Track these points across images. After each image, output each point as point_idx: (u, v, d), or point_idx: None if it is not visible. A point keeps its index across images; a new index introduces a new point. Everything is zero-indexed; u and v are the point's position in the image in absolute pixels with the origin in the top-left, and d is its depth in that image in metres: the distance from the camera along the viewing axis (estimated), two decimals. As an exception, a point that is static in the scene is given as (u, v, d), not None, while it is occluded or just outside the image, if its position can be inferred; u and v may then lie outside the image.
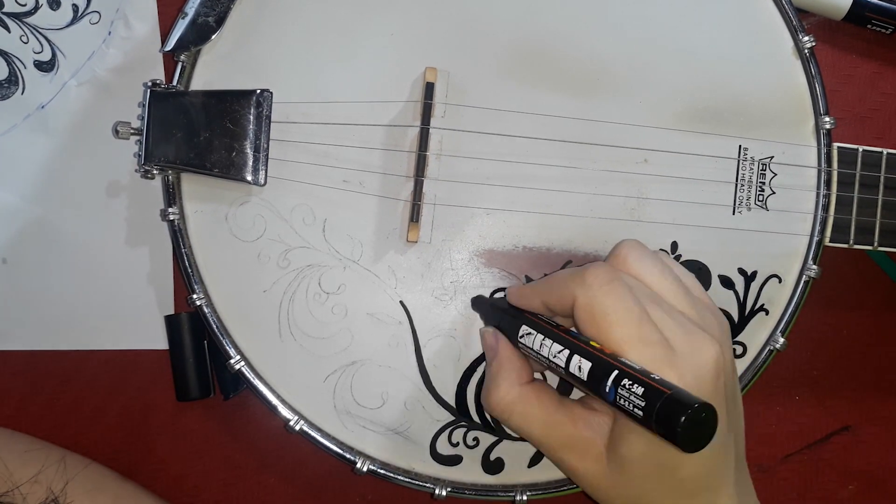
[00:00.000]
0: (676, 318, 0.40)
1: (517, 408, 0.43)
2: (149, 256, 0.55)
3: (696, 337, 0.40)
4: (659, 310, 0.40)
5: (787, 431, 0.61)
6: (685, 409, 0.34)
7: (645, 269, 0.43)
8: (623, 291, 0.40)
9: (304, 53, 0.49)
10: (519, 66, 0.50)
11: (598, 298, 0.40)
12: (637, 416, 0.36)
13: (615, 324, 0.39)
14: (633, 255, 0.43)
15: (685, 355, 0.39)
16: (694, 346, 0.39)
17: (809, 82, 0.52)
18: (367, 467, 0.48)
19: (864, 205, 0.52)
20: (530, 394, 0.43)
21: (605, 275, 0.41)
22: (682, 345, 0.39)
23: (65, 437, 0.55)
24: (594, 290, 0.40)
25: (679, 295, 0.42)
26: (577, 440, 0.42)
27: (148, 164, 0.47)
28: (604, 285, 0.40)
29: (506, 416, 0.44)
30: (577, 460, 0.42)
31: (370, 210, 0.49)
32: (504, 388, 0.43)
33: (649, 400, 0.35)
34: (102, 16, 0.54)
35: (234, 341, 0.48)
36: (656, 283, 0.42)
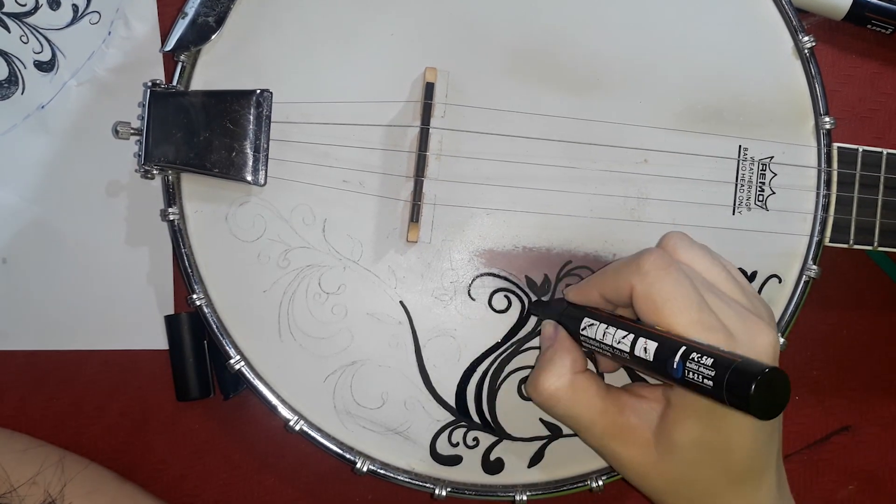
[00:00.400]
0: (732, 306, 0.41)
1: (567, 394, 0.43)
2: (149, 256, 0.55)
3: (752, 323, 0.40)
4: (714, 297, 0.41)
5: (786, 431, 0.60)
6: (756, 374, 0.34)
7: (697, 257, 0.43)
8: (680, 277, 0.40)
9: (304, 53, 0.49)
10: (519, 66, 0.50)
11: (657, 285, 0.40)
12: (707, 388, 0.36)
13: (676, 310, 0.39)
14: (682, 244, 0.43)
15: (744, 341, 0.39)
16: (751, 332, 0.40)
17: (809, 82, 0.52)
18: (366, 467, 0.48)
19: (864, 205, 0.52)
20: (581, 381, 0.44)
21: (660, 260, 0.41)
22: (741, 331, 0.40)
23: (65, 437, 0.55)
24: (651, 276, 0.40)
25: (730, 283, 0.42)
26: (625, 428, 0.42)
27: (148, 164, 0.47)
28: (660, 271, 0.40)
29: (552, 402, 0.44)
30: (624, 448, 0.42)
31: (370, 210, 0.49)
32: (556, 373, 0.44)
33: (719, 370, 0.35)
34: (102, 16, 0.54)
35: (234, 341, 0.48)
36: (709, 271, 0.43)
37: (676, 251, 0.43)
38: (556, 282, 0.50)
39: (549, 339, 0.46)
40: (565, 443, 0.50)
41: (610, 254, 0.50)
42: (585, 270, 0.50)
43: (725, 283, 0.42)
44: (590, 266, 0.50)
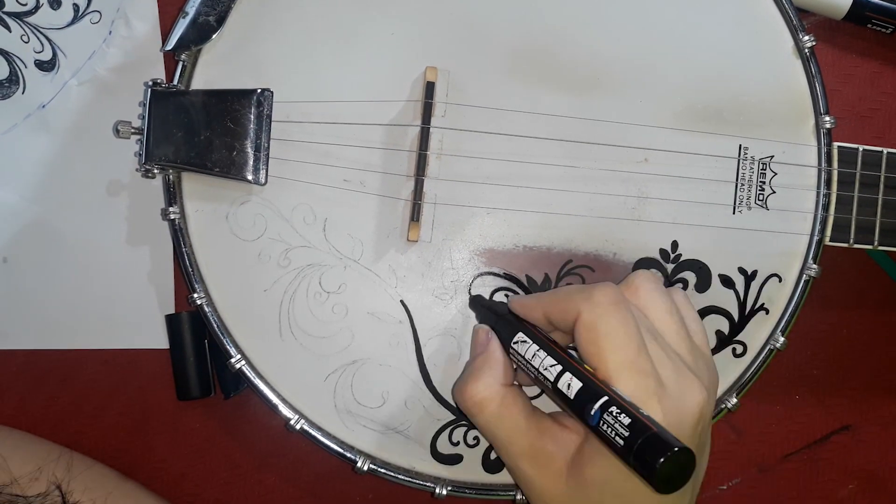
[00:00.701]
0: (672, 358, 0.41)
1: (490, 406, 0.43)
2: (149, 256, 0.55)
3: (686, 379, 0.40)
4: (657, 345, 0.41)
5: (787, 431, 0.61)
6: (668, 449, 0.34)
7: (654, 303, 0.43)
8: (628, 316, 0.40)
9: (305, 52, 0.49)
10: (519, 65, 0.50)
11: (603, 318, 0.40)
12: (616, 446, 0.36)
13: (614, 347, 0.39)
14: (645, 286, 0.43)
15: (673, 395, 0.39)
16: (683, 387, 0.40)
17: (810, 82, 0.52)
18: (367, 466, 0.48)
19: (865, 204, 0.52)
20: (507, 396, 0.43)
21: (614, 295, 0.41)
22: (672, 384, 0.39)
23: (65, 436, 0.55)
24: (601, 309, 0.40)
25: (680, 336, 0.42)
26: (540, 452, 0.42)
27: (149, 164, 0.47)
28: (611, 305, 0.40)
29: (476, 410, 0.43)
30: (536, 472, 0.42)
31: (371, 209, 0.49)
32: (484, 382, 0.43)
33: (633, 432, 0.35)
34: (103, 15, 0.54)
35: (235, 340, 0.48)
36: (661, 320, 0.42)
37: (638, 291, 0.43)
38: (556, 281, 0.50)
39: (482, 346, 0.45)
40: (566, 442, 0.50)
41: (610, 252, 0.50)
42: (586, 269, 0.50)
43: (675, 335, 0.42)
44: (590, 265, 0.50)
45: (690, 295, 0.51)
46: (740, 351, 0.52)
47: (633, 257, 0.51)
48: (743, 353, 0.52)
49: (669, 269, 0.51)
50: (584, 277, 0.50)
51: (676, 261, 0.51)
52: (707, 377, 0.42)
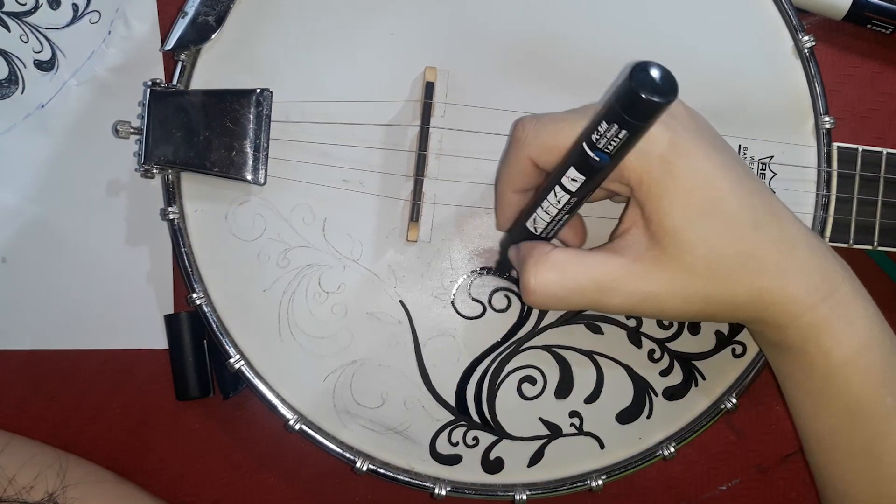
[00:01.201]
0: None
1: (557, 274, 0.42)
2: (149, 256, 0.55)
3: None
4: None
5: (786, 431, 0.61)
6: (633, 74, 0.35)
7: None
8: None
9: (304, 52, 0.49)
10: (519, 65, 0.50)
11: (542, 131, 0.43)
12: (617, 134, 0.36)
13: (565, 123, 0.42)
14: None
15: None
16: None
17: (809, 82, 0.52)
18: (366, 467, 0.48)
19: (864, 204, 0.52)
20: (560, 256, 0.42)
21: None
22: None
23: (64, 437, 0.55)
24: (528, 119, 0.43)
25: None
26: (628, 263, 0.42)
27: (148, 164, 0.47)
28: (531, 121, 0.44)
29: (558, 289, 0.42)
30: (646, 279, 0.41)
31: (370, 209, 0.49)
32: (533, 260, 0.42)
33: (611, 111, 0.36)
34: (102, 15, 0.54)
35: (234, 340, 0.48)
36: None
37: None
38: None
39: (516, 255, 0.45)
40: (565, 442, 0.50)
41: (610, 253, 0.50)
42: (585, 270, 0.50)
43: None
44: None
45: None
46: (740, 351, 0.52)
47: (632, 257, 0.50)
48: (742, 354, 0.52)
49: (669, 269, 0.51)
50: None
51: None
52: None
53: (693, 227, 0.40)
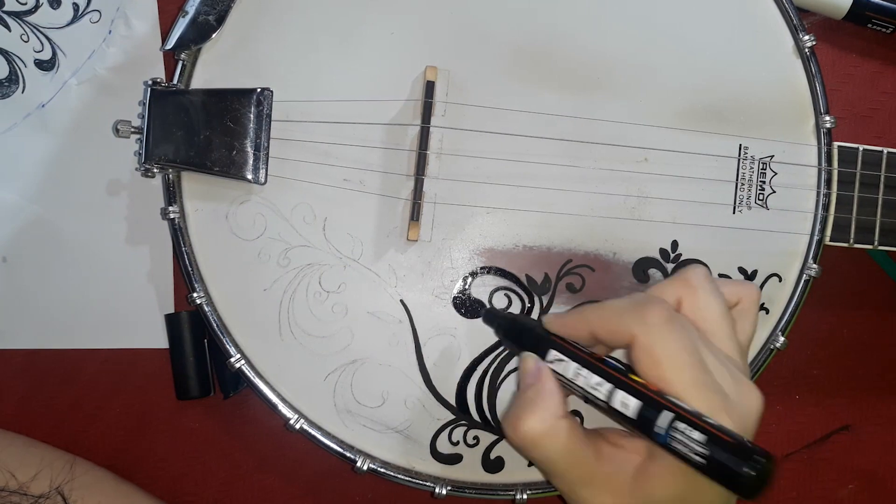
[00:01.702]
0: (727, 365, 0.40)
1: (546, 441, 0.41)
2: (149, 255, 0.55)
3: (744, 385, 0.40)
4: (712, 356, 0.40)
5: (786, 430, 0.61)
6: (753, 459, 0.34)
7: (710, 307, 0.42)
8: (684, 334, 0.39)
9: (305, 52, 0.49)
10: (519, 64, 0.50)
11: (660, 341, 0.39)
12: (695, 462, 0.36)
13: (678, 368, 0.39)
14: (703, 287, 0.42)
15: (737, 404, 0.39)
16: (743, 393, 0.39)
17: (810, 81, 0.52)
18: (367, 466, 0.48)
19: (865, 204, 0.52)
20: (562, 428, 0.41)
21: (666, 313, 0.40)
22: (734, 392, 0.39)
23: (65, 436, 0.55)
24: (655, 329, 0.39)
25: (732, 341, 0.42)
26: (600, 476, 0.41)
27: (148, 163, 0.47)
28: (664, 326, 0.39)
29: (530, 446, 0.41)
30: (595, 496, 0.41)
31: (370, 209, 0.49)
32: (539, 417, 0.41)
33: (713, 447, 0.35)
34: (103, 14, 0.54)
35: (235, 340, 0.48)
36: (715, 323, 0.42)
37: (696, 292, 0.42)
38: (556, 280, 0.50)
39: (532, 377, 0.43)
40: (565, 442, 0.50)
41: (610, 252, 0.50)
42: (586, 269, 0.50)
43: (727, 340, 0.42)
44: (590, 265, 0.50)
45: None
46: (740, 351, 0.52)
47: (633, 257, 0.51)
48: (743, 353, 0.52)
49: (669, 268, 0.51)
50: (585, 277, 0.50)
51: (676, 260, 0.51)
52: (748, 372, 0.42)
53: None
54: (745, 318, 0.44)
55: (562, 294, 0.50)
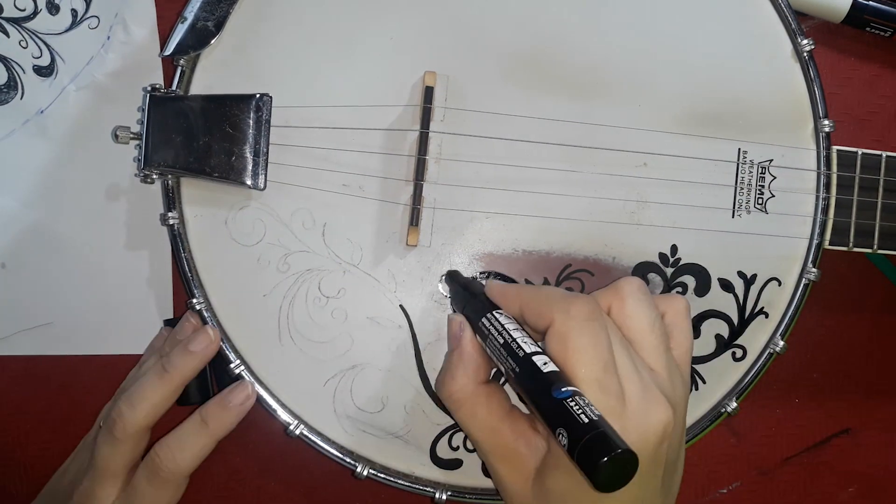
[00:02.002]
0: (641, 374, 0.40)
1: (467, 404, 0.43)
2: (148, 261, 0.55)
3: (652, 397, 0.40)
4: (628, 359, 0.40)
5: (786, 434, 0.61)
6: (611, 450, 0.34)
7: (637, 315, 0.42)
8: (600, 334, 0.40)
9: (304, 57, 0.49)
10: (518, 70, 0.50)
11: (575, 331, 0.40)
12: (563, 439, 0.36)
13: (581, 362, 0.39)
14: (633, 297, 0.43)
15: (636, 412, 0.39)
16: (648, 405, 0.39)
17: (808, 85, 0.52)
18: (367, 472, 0.48)
19: (864, 208, 0.52)
20: (482, 394, 0.43)
21: (589, 311, 0.41)
22: (637, 401, 0.39)
23: (64, 442, 0.55)
24: (574, 322, 0.40)
25: (657, 352, 0.42)
26: (513, 454, 0.42)
27: (147, 169, 0.47)
28: (584, 321, 0.40)
29: (455, 407, 0.44)
30: (508, 473, 0.42)
31: (370, 214, 0.49)
32: (460, 381, 0.43)
33: (584, 428, 0.35)
34: (101, 20, 0.54)
35: (234, 346, 0.48)
36: (641, 332, 0.42)
37: (625, 301, 0.42)
38: (555, 285, 0.50)
39: (455, 339, 0.45)
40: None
41: (609, 257, 0.50)
42: (585, 274, 0.50)
43: (652, 350, 0.42)
44: (590, 269, 0.50)
45: (689, 299, 0.51)
46: (740, 355, 0.52)
47: (632, 261, 0.51)
48: (743, 357, 0.52)
49: (669, 273, 0.51)
50: (584, 282, 0.50)
51: (676, 265, 0.51)
52: (680, 393, 0.42)
53: (558, 500, 0.40)
54: (676, 330, 0.44)
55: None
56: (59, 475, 0.53)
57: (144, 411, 0.47)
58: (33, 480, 0.55)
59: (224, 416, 0.48)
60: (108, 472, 0.48)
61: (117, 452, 0.48)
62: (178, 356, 0.48)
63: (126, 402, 0.47)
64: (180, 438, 0.48)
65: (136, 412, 0.47)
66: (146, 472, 0.48)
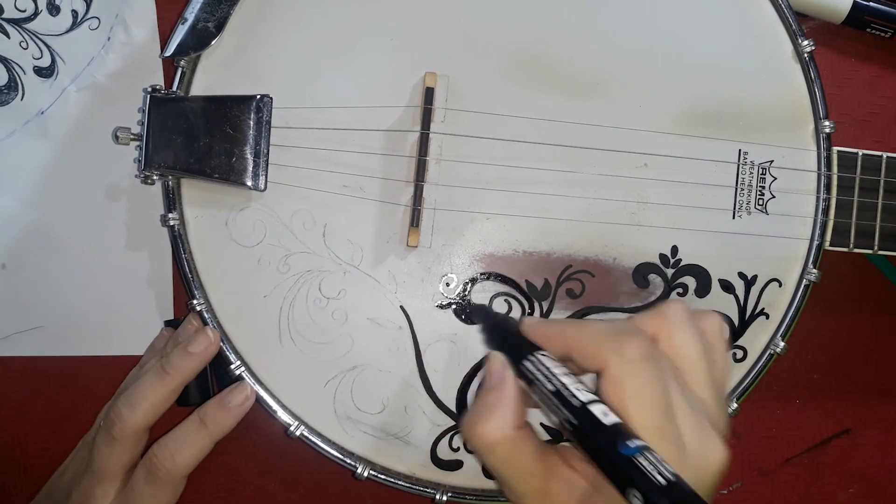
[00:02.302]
0: (695, 411, 0.39)
1: (500, 449, 0.40)
2: (149, 262, 0.55)
3: (708, 437, 0.38)
4: (682, 398, 0.38)
5: (787, 435, 0.61)
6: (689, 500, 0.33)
7: (687, 345, 0.40)
8: (657, 376, 0.38)
9: (304, 58, 0.49)
10: (519, 71, 0.50)
11: (632, 375, 0.38)
12: (636, 501, 0.34)
13: (641, 409, 0.37)
14: (683, 325, 0.40)
15: (694, 455, 0.38)
16: (705, 447, 0.38)
17: (809, 86, 0.52)
18: (367, 473, 0.48)
19: (864, 208, 0.52)
20: (517, 439, 0.40)
21: (645, 349, 0.38)
22: (695, 444, 0.38)
23: (64, 443, 0.55)
24: (630, 365, 0.38)
25: (707, 383, 0.40)
26: (547, 493, 0.40)
27: (148, 170, 0.47)
28: (641, 362, 0.38)
29: (485, 451, 0.40)
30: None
31: (370, 215, 0.49)
32: (496, 424, 0.40)
33: (658, 491, 0.33)
34: (102, 21, 0.54)
35: (235, 346, 0.48)
36: (691, 363, 0.40)
37: (673, 331, 0.40)
38: (556, 286, 0.50)
39: (496, 379, 0.41)
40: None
41: (610, 258, 0.50)
42: (586, 275, 0.50)
43: (703, 382, 0.40)
44: (590, 270, 0.50)
45: (690, 300, 0.51)
46: (741, 356, 0.52)
47: (632, 262, 0.51)
48: (743, 358, 0.52)
49: (669, 273, 0.51)
50: (584, 283, 0.50)
51: (676, 266, 0.51)
52: (724, 422, 0.41)
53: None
54: (714, 353, 0.42)
55: (562, 300, 0.50)
56: (59, 474, 0.53)
57: (143, 412, 0.47)
58: (33, 480, 0.55)
59: (223, 417, 0.48)
60: (106, 472, 0.48)
61: (115, 452, 0.48)
62: (177, 357, 0.48)
63: (125, 402, 0.47)
64: (178, 439, 0.48)
65: (135, 413, 0.47)
66: (144, 471, 0.48)
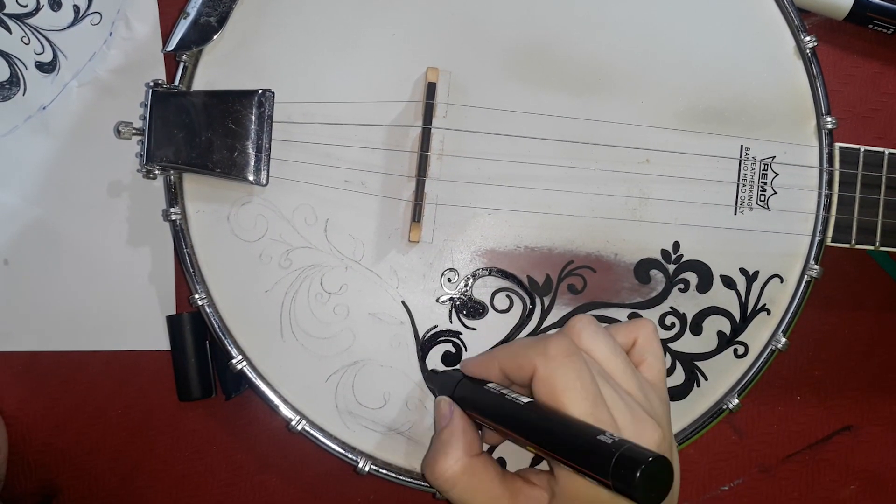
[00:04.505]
0: (625, 399, 0.41)
1: (462, 479, 0.43)
2: (150, 256, 0.55)
3: (641, 420, 0.41)
4: (609, 388, 0.41)
5: (788, 431, 0.61)
6: (642, 460, 0.34)
7: (597, 345, 0.43)
8: (582, 367, 0.41)
9: (306, 53, 0.49)
10: (521, 66, 0.50)
11: (559, 371, 0.40)
12: (594, 472, 0.36)
13: (573, 399, 0.40)
14: (587, 330, 0.43)
15: (631, 436, 0.39)
16: (638, 428, 0.40)
17: (811, 82, 0.52)
18: (368, 467, 0.48)
19: (866, 205, 0.52)
20: (477, 466, 0.43)
21: (566, 347, 0.41)
22: (628, 426, 0.40)
23: (66, 438, 0.55)
24: (555, 362, 0.40)
25: (627, 375, 0.43)
26: None
27: (150, 164, 0.47)
28: (565, 358, 0.41)
29: (448, 486, 0.43)
30: None
31: (372, 210, 0.49)
32: (453, 457, 0.43)
33: (607, 449, 0.35)
34: (103, 16, 0.54)
35: (236, 341, 0.48)
36: (607, 361, 0.43)
37: (580, 336, 0.43)
38: (557, 282, 0.50)
39: (445, 419, 0.45)
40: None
41: (612, 253, 0.50)
42: (587, 270, 0.50)
43: (622, 374, 0.43)
44: (592, 266, 0.50)
45: (692, 295, 0.51)
46: (742, 351, 0.52)
47: (634, 258, 0.51)
48: (744, 354, 0.52)
49: (671, 269, 0.51)
50: (586, 278, 0.50)
51: (678, 261, 0.51)
52: (660, 409, 0.43)
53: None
54: (648, 354, 0.45)
55: (563, 295, 0.50)
56: None
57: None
58: (36, 476, 0.55)
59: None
60: None
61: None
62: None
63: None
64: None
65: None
66: None
